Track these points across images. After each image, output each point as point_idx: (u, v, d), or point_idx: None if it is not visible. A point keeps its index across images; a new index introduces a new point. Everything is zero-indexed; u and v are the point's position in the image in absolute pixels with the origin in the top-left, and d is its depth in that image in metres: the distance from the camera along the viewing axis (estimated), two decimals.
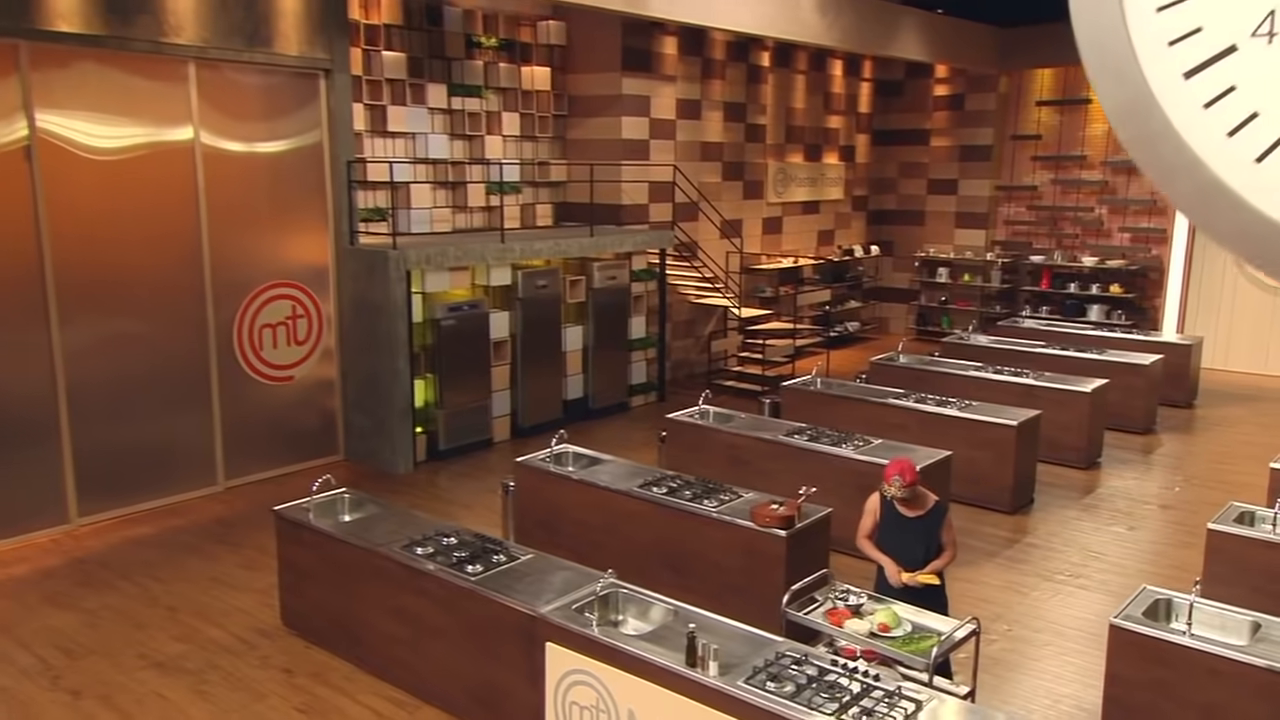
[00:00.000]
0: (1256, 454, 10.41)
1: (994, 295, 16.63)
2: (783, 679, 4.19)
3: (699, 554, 6.39)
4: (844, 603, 5.09)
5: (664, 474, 7.04)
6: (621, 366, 12.14)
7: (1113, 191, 15.42)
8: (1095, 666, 5.91)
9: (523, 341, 10.82)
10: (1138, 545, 8.02)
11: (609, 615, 4.98)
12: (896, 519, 5.29)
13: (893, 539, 5.29)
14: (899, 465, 5.17)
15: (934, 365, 10.94)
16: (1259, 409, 12.49)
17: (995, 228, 16.78)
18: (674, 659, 4.36)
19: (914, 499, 5.24)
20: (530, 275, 10.82)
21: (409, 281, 9.62)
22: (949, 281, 16.97)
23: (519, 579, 5.24)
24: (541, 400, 11.14)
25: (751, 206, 15.12)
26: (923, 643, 4.75)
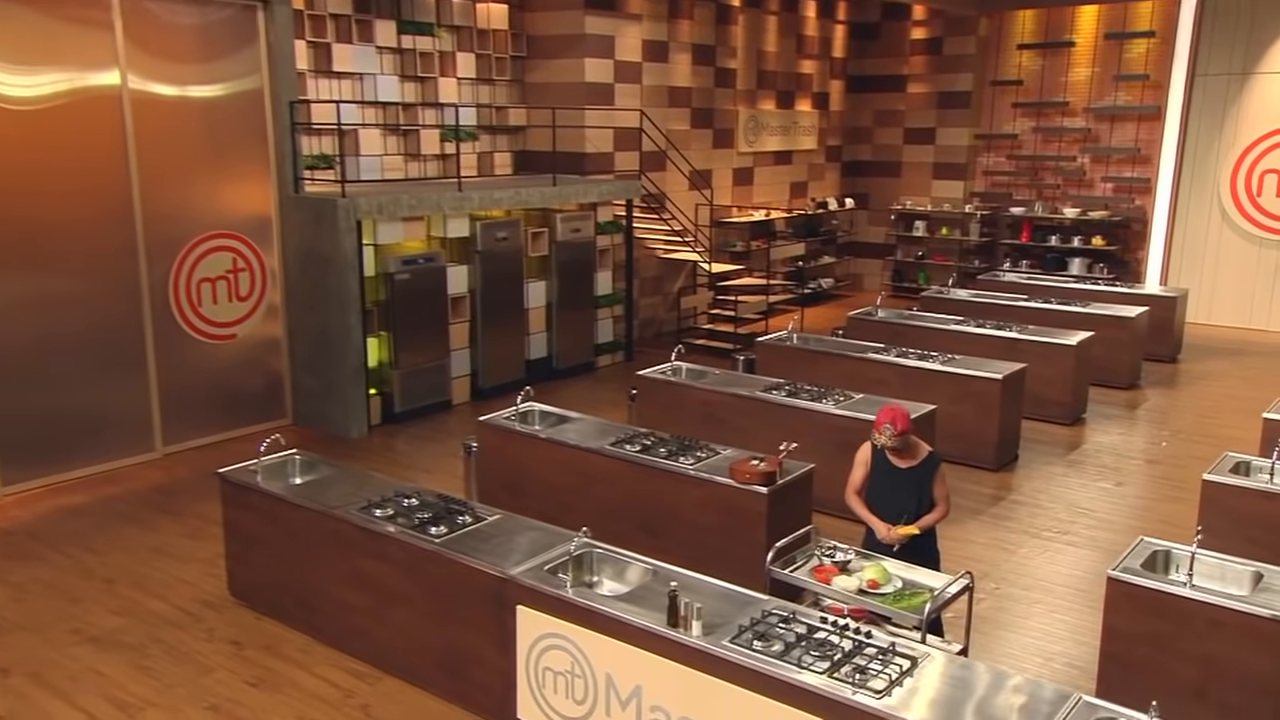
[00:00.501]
0: (1243, 408, 10.56)
1: (972, 249, 16.67)
2: (770, 638, 4.12)
3: (675, 514, 6.31)
4: (830, 559, 5.04)
5: (636, 431, 6.94)
6: (587, 324, 12.00)
7: (1096, 139, 15.47)
8: (1086, 624, 5.98)
9: (482, 297, 10.63)
10: (1125, 501, 8.10)
11: (583, 576, 4.88)
12: (888, 470, 5.24)
13: (883, 491, 5.25)
14: (891, 413, 5.11)
15: (913, 320, 10.95)
16: (1244, 363, 12.66)
17: (974, 179, 16.78)
18: (654, 620, 4.28)
19: (906, 449, 5.19)
20: (489, 227, 10.60)
21: (359, 232, 9.36)
22: (926, 235, 16.98)
23: (486, 540, 5.12)
24: (503, 360, 10.97)
25: (721, 156, 14.96)
26: (914, 599, 4.71)
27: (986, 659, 5.53)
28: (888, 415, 5.10)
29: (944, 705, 3.71)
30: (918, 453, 5.22)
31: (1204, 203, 14.74)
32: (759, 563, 5.65)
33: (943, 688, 3.83)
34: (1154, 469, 8.85)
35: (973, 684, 3.86)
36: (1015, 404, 8.94)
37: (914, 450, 5.22)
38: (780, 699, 3.90)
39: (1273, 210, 14.23)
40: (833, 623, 4.25)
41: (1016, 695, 3.77)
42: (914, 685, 3.84)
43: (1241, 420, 10.04)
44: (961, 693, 3.80)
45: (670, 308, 14.17)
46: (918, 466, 5.19)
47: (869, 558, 5.05)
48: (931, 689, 3.82)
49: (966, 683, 3.87)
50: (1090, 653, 5.59)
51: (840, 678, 3.87)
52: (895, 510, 5.19)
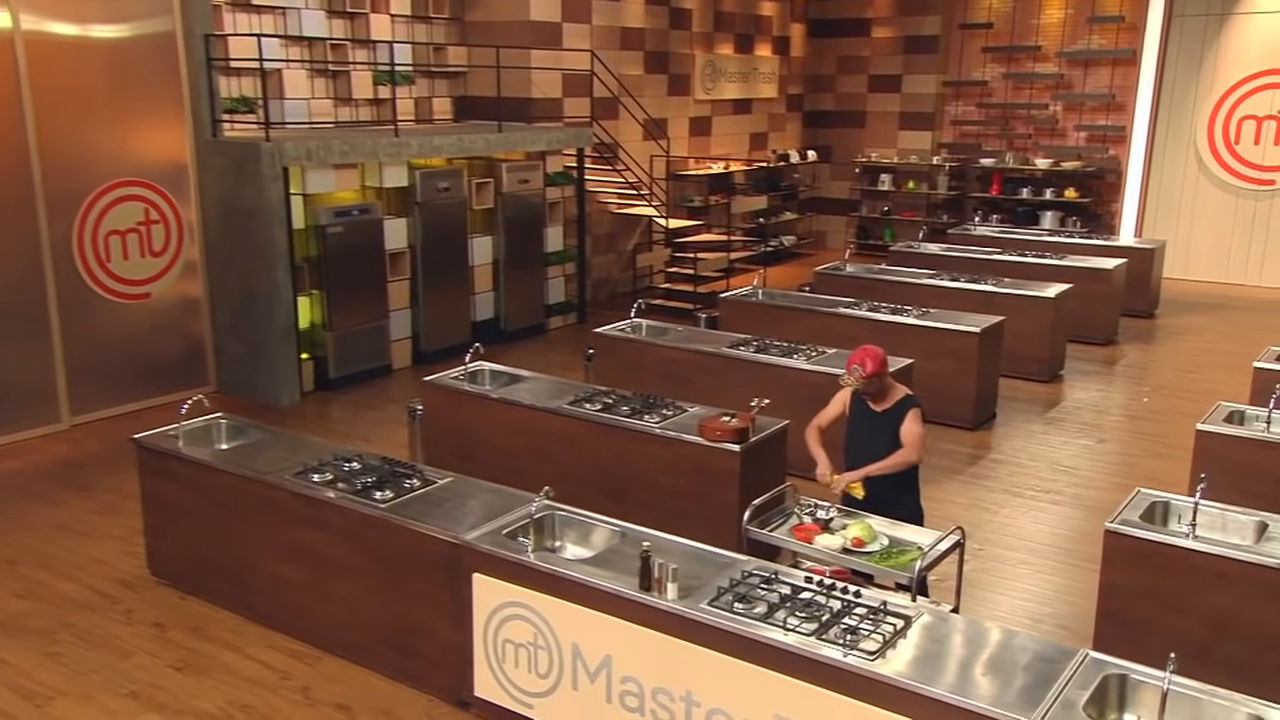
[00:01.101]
0: (1223, 362, 10.72)
1: (940, 204, 16.70)
2: (751, 599, 4.00)
3: (640, 476, 6.17)
4: (811, 517, 4.93)
5: (596, 389, 6.78)
6: (537, 284, 11.80)
7: (1068, 86, 15.53)
8: (1075, 584, 5.99)
9: (423, 254, 10.36)
10: (1109, 458, 8.14)
11: (545, 541, 4.71)
12: (865, 414, 5.16)
13: (859, 435, 5.18)
14: (862, 353, 5.02)
15: (884, 274, 10.94)
16: (1222, 317, 12.86)
17: (942, 129, 16.79)
18: (625, 584, 4.13)
19: (880, 393, 5.09)
20: (430, 177, 10.31)
21: (286, 180, 9.01)
22: (892, 190, 16.98)
23: (436, 504, 4.92)
24: (446, 321, 10.71)
25: (677, 104, 14.76)
26: (902, 557, 4.62)
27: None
28: (858, 356, 5.01)
29: (942, 665, 3.61)
30: (893, 396, 5.11)
31: (1180, 152, 14.90)
32: (731, 526, 5.58)
33: (939, 647, 3.73)
34: (1137, 425, 8.92)
35: (971, 643, 3.77)
36: (993, 359, 8.92)
37: (889, 393, 5.13)
38: (764, 664, 3.78)
39: (1251, 159, 14.43)
40: (819, 583, 4.13)
41: (1019, 653, 3.69)
42: (909, 646, 3.74)
43: (1223, 375, 10.18)
44: (960, 652, 3.71)
45: (625, 267, 13.99)
46: (891, 409, 5.09)
47: (853, 515, 4.94)
48: (927, 649, 3.72)
49: (964, 642, 3.78)
50: (1081, 613, 5.59)
51: (830, 639, 3.75)
52: (868, 457, 5.11)
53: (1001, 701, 3.39)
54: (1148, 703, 3.45)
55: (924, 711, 3.47)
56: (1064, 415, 9.15)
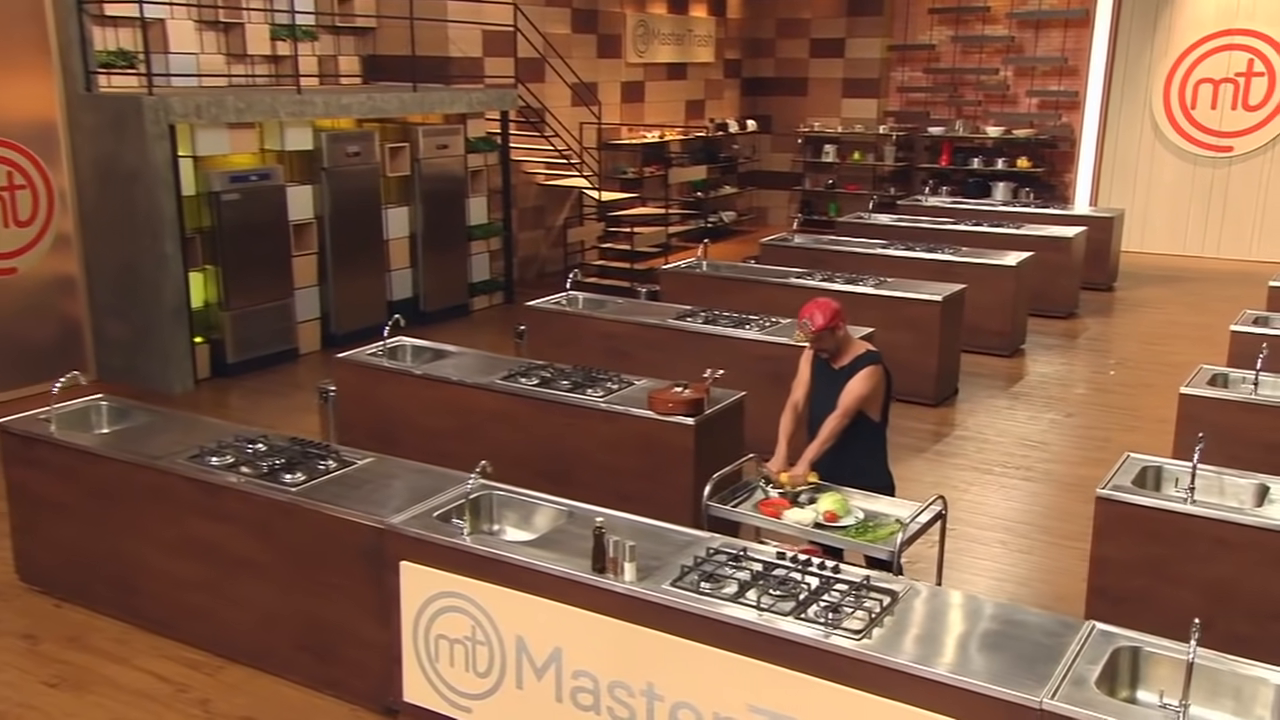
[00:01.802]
0: (1188, 334, 10.87)
1: (887, 176, 16.74)
2: (719, 578, 3.79)
3: (583, 456, 5.94)
4: (778, 491, 4.73)
5: (531, 364, 6.53)
6: (459, 260, 11.50)
7: (1019, 49, 15.65)
8: (1056, 563, 5.95)
9: (333, 225, 9.98)
10: (1079, 432, 8.14)
11: (482, 525, 4.44)
12: (825, 373, 4.99)
13: (819, 397, 4.99)
14: (811, 306, 4.83)
15: (834, 245, 10.89)
16: (1183, 289, 13.08)
17: (888, 96, 16.82)
18: (576, 566, 3.88)
19: (837, 349, 4.89)
20: (338, 140, 9.93)
21: (174, 140, 8.53)
22: (836, 161, 16.97)
23: (356, 487, 4.61)
24: (359, 301, 10.33)
25: (608, 67, 14.51)
26: (880, 530, 4.45)
27: None
28: (808, 309, 4.82)
29: (936, 643, 3.43)
30: (851, 352, 4.92)
31: (1136, 118, 15.11)
32: (686, 508, 5.39)
33: (932, 624, 3.55)
34: (1105, 398, 8.96)
35: (965, 618, 3.59)
36: (955, 331, 8.85)
37: (846, 349, 4.93)
38: (736, 649, 3.56)
39: (1208, 124, 14.69)
40: (792, 558, 3.93)
41: (1019, 627, 3.52)
42: (897, 623, 3.55)
43: (1189, 346, 10.28)
44: (955, 628, 3.54)
45: (555, 243, 13.71)
46: (848, 367, 4.90)
47: (824, 488, 4.75)
48: (919, 626, 3.54)
49: (958, 617, 3.61)
50: (1065, 592, 5.52)
51: (809, 619, 3.55)
52: (823, 418, 4.91)
53: (1006, 680, 3.21)
54: (1165, 676, 3.31)
55: (919, 694, 3.28)
56: (1029, 390, 9.17)
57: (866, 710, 3.36)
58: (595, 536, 3.86)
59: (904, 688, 3.31)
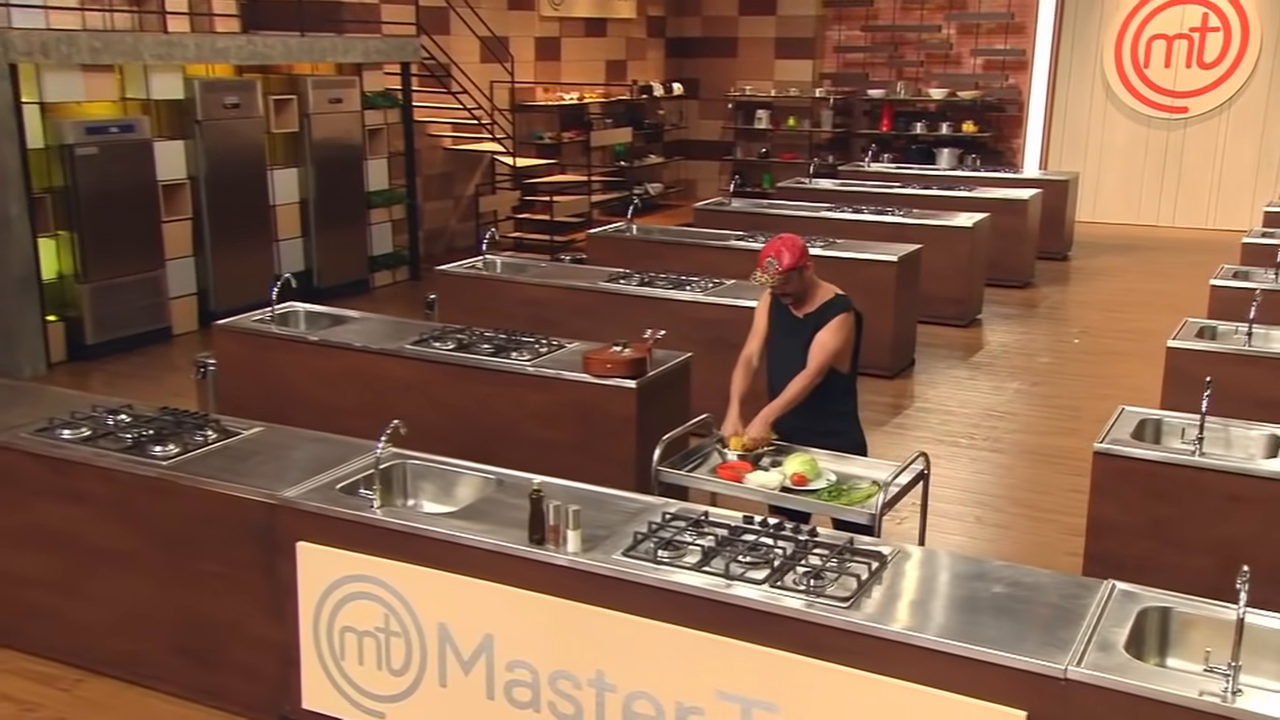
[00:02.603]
0: (1150, 301, 10.97)
1: (825, 144, 16.68)
2: (679, 546, 3.46)
3: (508, 429, 5.62)
4: (738, 454, 4.43)
5: (447, 327, 6.19)
6: (357, 230, 11.09)
7: (962, 5, 15.67)
8: (1038, 537, 5.84)
9: (210, 187, 9.50)
10: (1047, 401, 8.09)
11: (395, 499, 4.06)
12: (786, 322, 4.66)
13: (778, 348, 4.68)
14: (777, 243, 4.50)
15: (775, 208, 10.79)
16: (1140, 258, 13.24)
17: (823, 57, 16.73)
18: (510, 538, 3.53)
19: (802, 294, 4.58)
20: (214, 89, 9.44)
21: (15, 83, 7.94)
22: (770, 128, 16.85)
23: (242, 459, 4.20)
24: (242, 275, 9.82)
25: (521, 20, 14.19)
26: (856, 494, 4.17)
27: None
28: (773, 246, 4.48)
29: (936, 610, 3.16)
30: (819, 297, 4.62)
31: (1086, 78, 15.24)
32: (628, 482, 5.12)
33: (928, 589, 3.29)
34: (1071, 367, 8.94)
35: (964, 581, 3.33)
36: (911, 296, 8.71)
37: (813, 294, 4.62)
38: (701, 626, 3.26)
39: (1162, 84, 14.87)
40: (762, 522, 3.62)
41: (1028, 589, 3.27)
42: (890, 589, 3.28)
43: (1153, 314, 10.33)
44: (955, 593, 3.26)
45: (465, 215, 13.35)
46: (814, 314, 4.60)
47: (787, 449, 4.46)
48: (914, 591, 3.27)
49: (956, 581, 3.34)
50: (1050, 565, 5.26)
51: (788, 588, 3.24)
52: (786, 374, 4.62)
53: (1022, 647, 2.94)
54: (1200, 640, 3.07)
55: (921, 668, 3.00)
56: (989, 360, 9.12)
57: (858, 689, 3.07)
58: (532, 501, 3.51)
59: (903, 661, 3.02)
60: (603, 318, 7.26)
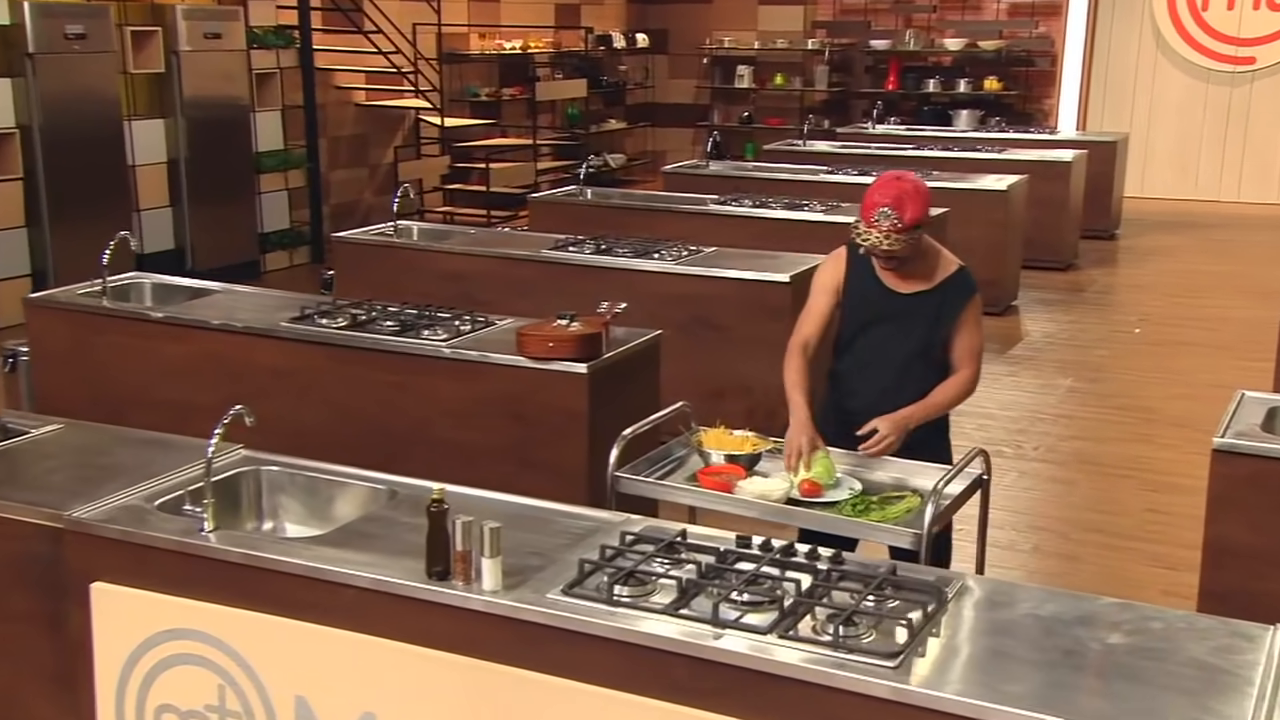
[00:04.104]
0: (1224, 284, 10.77)
1: (819, 106, 16.35)
2: (646, 580, 2.80)
3: (419, 430, 5.04)
4: (726, 454, 3.82)
5: (339, 301, 5.61)
6: (244, 200, 10.62)
7: None
8: (1114, 570, 5.42)
9: (47, 140, 8.99)
10: (1108, 401, 7.71)
11: (243, 519, 3.41)
12: (874, 296, 3.92)
13: (867, 338, 3.96)
14: (895, 184, 3.71)
15: (760, 171, 10.52)
16: (1202, 235, 13.03)
17: (817, 3, 16.46)
18: (400, 572, 2.86)
19: (912, 261, 3.84)
20: (51, 16, 8.93)
21: None
22: (753, 88, 16.55)
23: (24, 468, 3.56)
24: (92, 251, 8.95)
25: None
26: (891, 508, 3.52)
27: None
28: (888, 189, 3.67)
29: (1029, 672, 2.50)
30: (936, 268, 3.90)
31: (1133, 23, 14.92)
32: (578, 498, 4.49)
33: (1009, 639, 2.63)
34: (1133, 360, 8.64)
35: (1062, 627, 2.66)
36: None
37: (927, 262, 3.90)
38: (682, 696, 2.61)
39: (1225, 30, 14.53)
40: (763, 545, 2.96)
41: (1157, 640, 2.62)
42: (951, 639, 2.63)
43: (1225, 298, 10.16)
44: (1050, 645, 2.60)
45: (383, 187, 12.84)
46: (932, 292, 3.88)
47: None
48: (988, 641, 2.62)
49: (1050, 627, 2.67)
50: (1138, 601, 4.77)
51: (805, 638, 2.57)
52: (882, 380, 3.92)
53: None
54: None
55: None
56: (1032, 353, 8.82)
57: None
58: (432, 516, 2.81)
59: None
60: (547, 295, 6.66)
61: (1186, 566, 4.98)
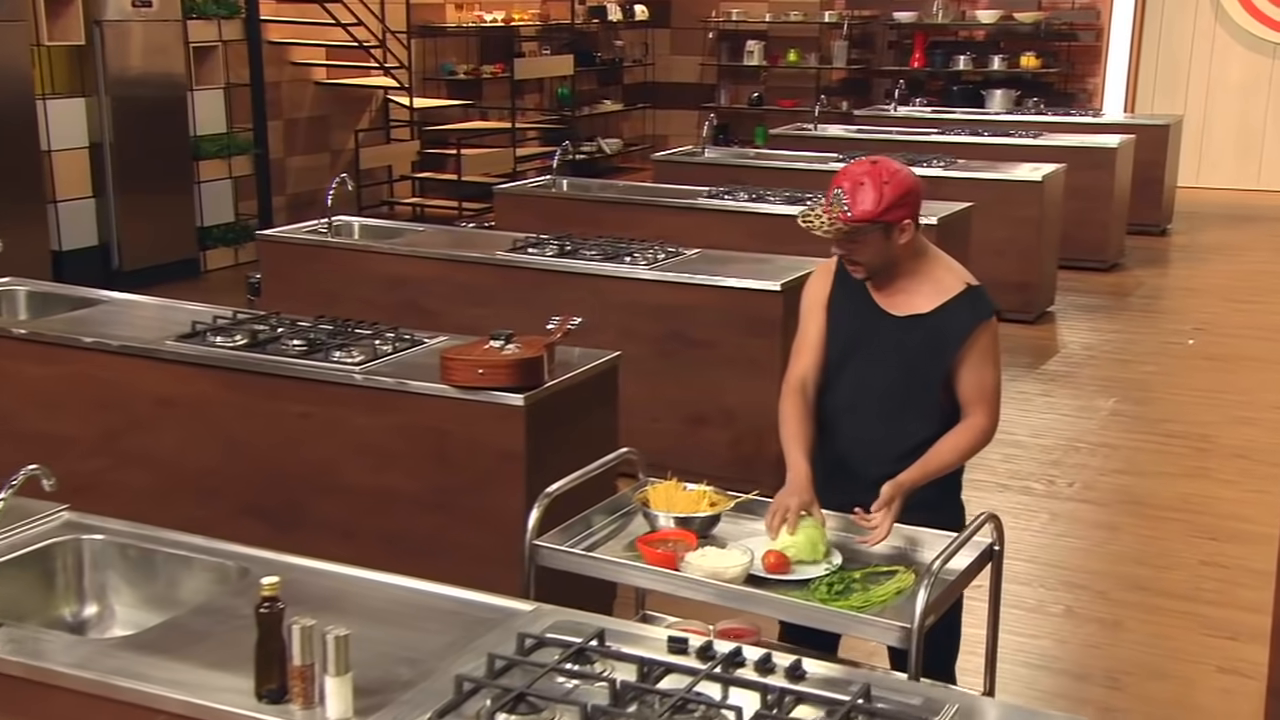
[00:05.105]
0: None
1: (837, 85, 16.19)
2: (542, 705, 2.36)
3: (327, 473, 4.69)
4: (675, 518, 3.37)
5: (240, 313, 5.26)
6: (180, 191, 10.33)
7: None
8: (1161, 640, 5.01)
9: None
10: (1157, 427, 7.36)
11: (58, 605, 3.01)
12: (864, 315, 3.50)
13: (850, 371, 3.53)
14: (864, 167, 3.34)
15: (763, 159, 10.33)
16: (1265, 231, 12.82)
17: None
18: (228, 691, 2.42)
19: (887, 270, 3.41)
20: None
21: None
22: (764, 66, 16.37)
23: None
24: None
25: None
26: (876, 590, 3.06)
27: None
28: (854, 171, 3.32)
29: None
30: (938, 285, 3.45)
31: None
32: (515, 557, 4.08)
33: None
34: (1187, 378, 8.33)
35: None
36: None
37: (928, 277, 3.45)
38: None
39: None
40: (701, 650, 2.50)
41: None
42: None
43: None
44: None
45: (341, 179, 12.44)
46: (929, 316, 3.40)
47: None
48: None
49: None
50: (1189, 692, 4.53)
51: None
52: (864, 426, 3.51)
53: None
54: None
55: None
56: (1069, 369, 8.52)
57: None
58: (261, 620, 2.35)
59: None
60: (504, 305, 6.50)
61: (1250, 635, 4.70)
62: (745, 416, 5.83)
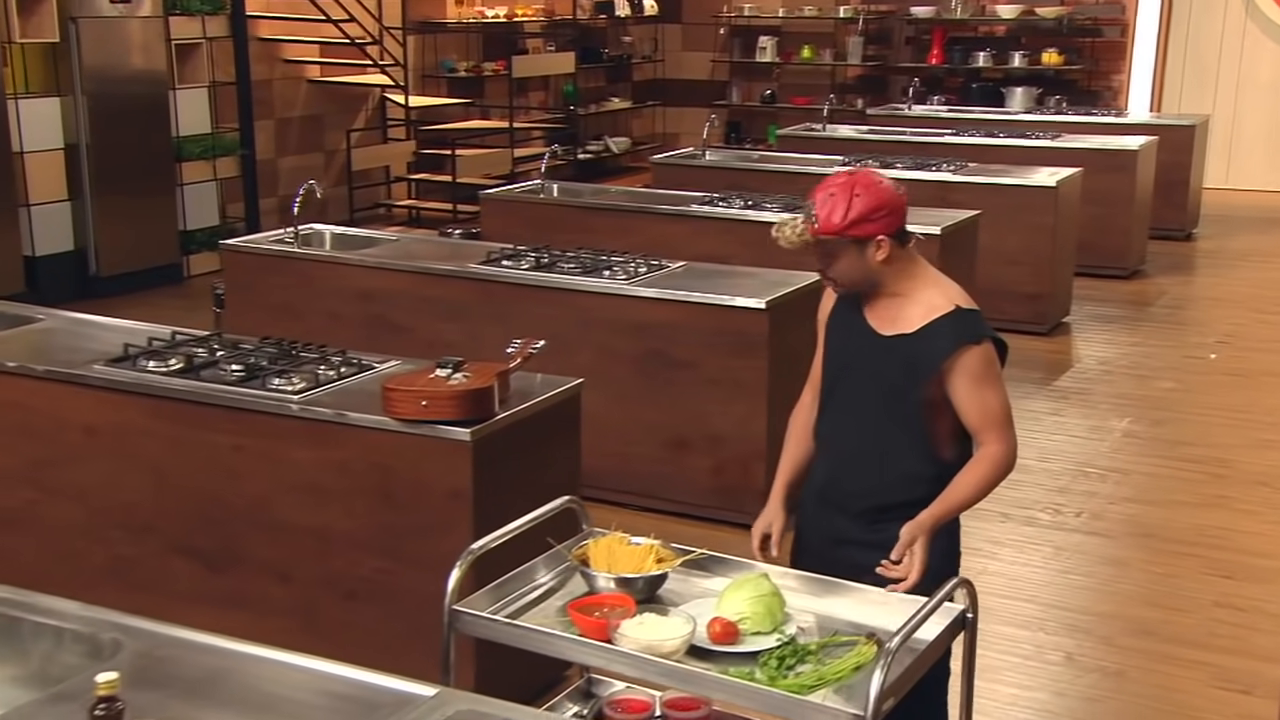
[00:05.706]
0: None
1: (853, 83, 16.08)
2: None
3: (261, 508, 4.44)
4: (615, 580, 3.07)
5: (180, 335, 5.00)
6: (162, 193, 10.21)
7: None
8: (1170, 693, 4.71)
9: None
10: (1174, 450, 7.10)
11: None
12: (855, 335, 3.40)
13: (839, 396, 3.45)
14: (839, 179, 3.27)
15: (769, 161, 10.21)
16: None
17: None
18: None
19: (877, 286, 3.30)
20: None
21: None
22: (777, 62, 16.28)
23: None
24: None
25: None
26: (835, 663, 2.77)
27: None
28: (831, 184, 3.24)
29: None
30: (924, 305, 3.30)
31: None
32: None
33: None
34: (1208, 396, 8.07)
35: None
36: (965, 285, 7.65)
37: (908, 292, 3.30)
38: None
39: None
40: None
41: None
42: None
43: None
44: None
45: (340, 178, 12.60)
46: (909, 339, 3.25)
47: (729, 566, 3.12)
48: None
49: None
50: None
51: None
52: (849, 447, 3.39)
53: None
54: None
55: None
56: (1083, 386, 8.27)
57: None
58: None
59: None
60: (479, 320, 6.34)
61: (1266, 689, 4.46)
62: (729, 442, 5.63)
